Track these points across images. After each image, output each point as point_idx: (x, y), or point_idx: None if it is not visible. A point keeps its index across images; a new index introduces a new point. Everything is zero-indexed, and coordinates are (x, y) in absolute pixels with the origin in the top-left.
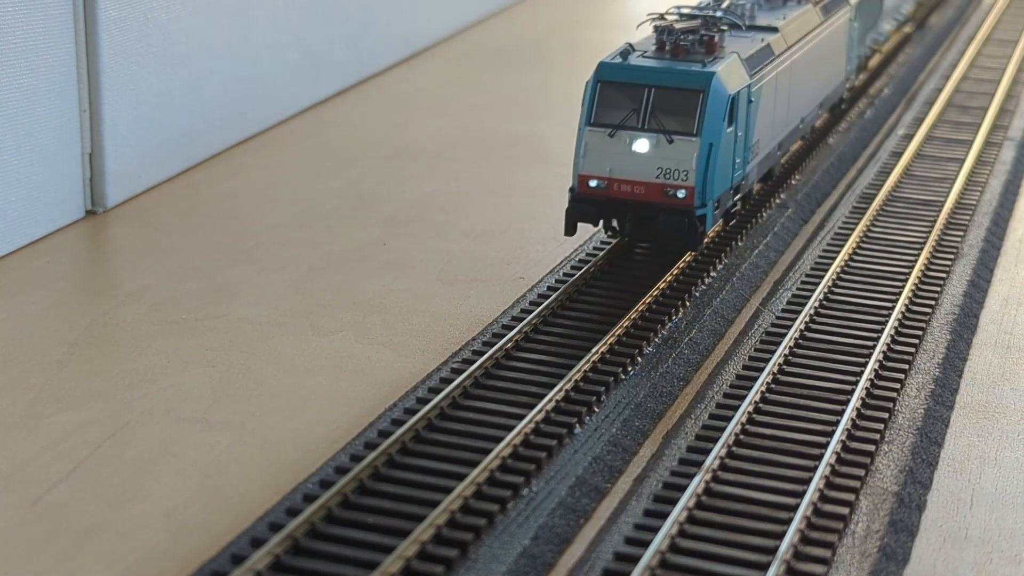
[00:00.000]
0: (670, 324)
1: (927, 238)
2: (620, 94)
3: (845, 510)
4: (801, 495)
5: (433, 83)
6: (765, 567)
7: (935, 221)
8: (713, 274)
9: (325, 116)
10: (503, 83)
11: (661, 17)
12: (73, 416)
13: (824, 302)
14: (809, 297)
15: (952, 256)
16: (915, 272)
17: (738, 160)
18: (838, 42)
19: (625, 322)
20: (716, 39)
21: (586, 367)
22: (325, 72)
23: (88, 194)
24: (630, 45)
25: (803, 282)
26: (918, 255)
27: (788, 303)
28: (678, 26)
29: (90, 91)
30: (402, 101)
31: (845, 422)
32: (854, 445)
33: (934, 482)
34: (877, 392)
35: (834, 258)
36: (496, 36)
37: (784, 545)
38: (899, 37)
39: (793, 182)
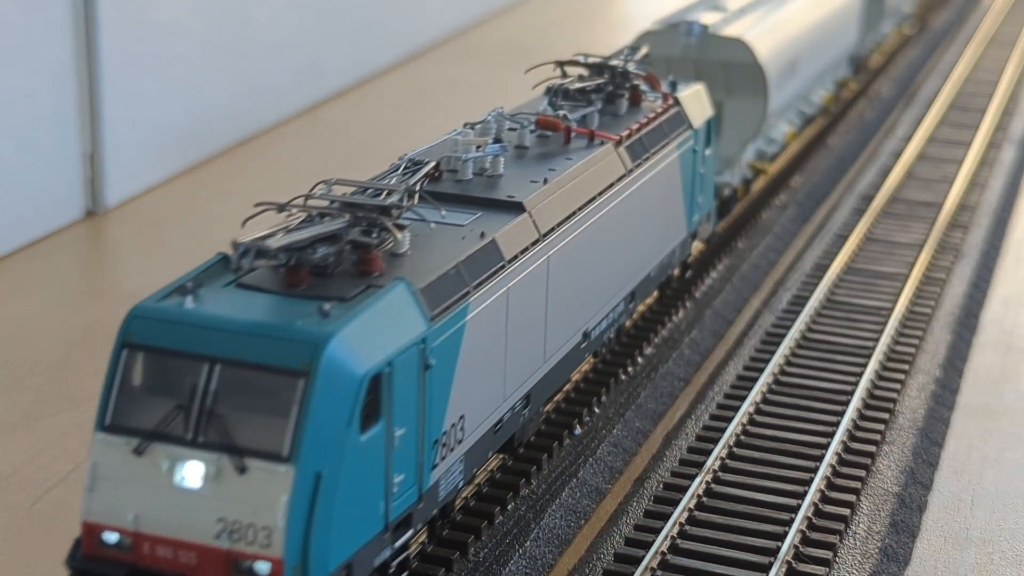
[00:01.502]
0: (670, 324)
1: (928, 238)
2: (159, 373)
3: (846, 511)
4: (802, 496)
5: (433, 83)
6: (766, 568)
7: (936, 221)
8: (713, 274)
9: (325, 116)
10: (503, 83)
11: (561, 69)
12: (73, 416)
13: (825, 303)
14: (809, 297)
15: (953, 256)
16: (916, 272)
17: (399, 479)
18: (666, 192)
19: (626, 321)
20: (374, 252)
21: (585, 366)
22: (325, 72)
23: (88, 194)
24: (238, 253)
25: (803, 282)
26: (919, 255)
27: (788, 303)
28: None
29: (90, 91)
30: (402, 101)
31: (846, 423)
32: (855, 446)
33: (935, 483)
34: (878, 393)
35: (834, 258)
36: (497, 36)
37: (785, 546)
38: (899, 39)
39: (793, 183)
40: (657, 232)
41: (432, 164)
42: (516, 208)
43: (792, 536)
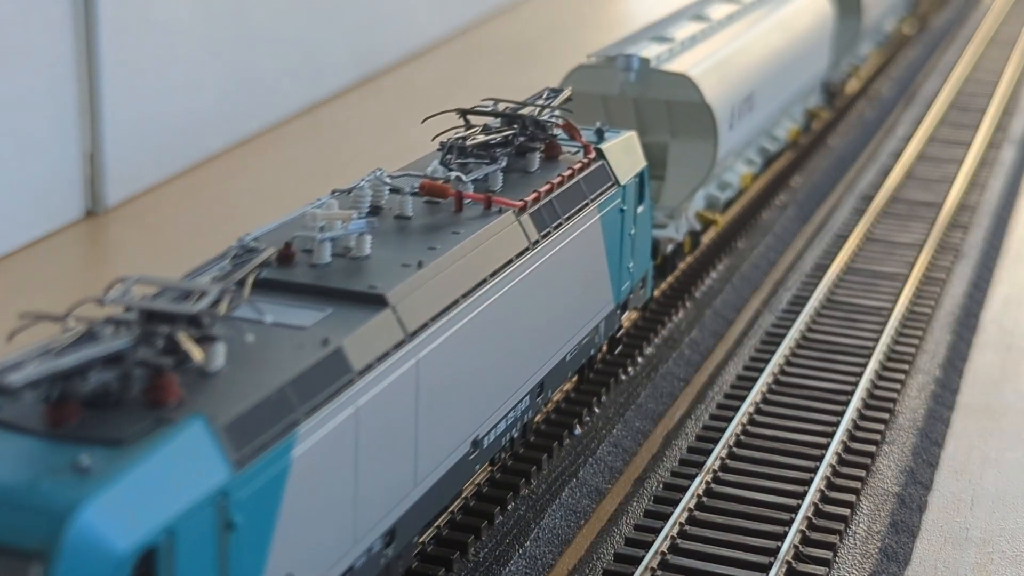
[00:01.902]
0: (670, 324)
1: (928, 238)
2: None
3: (846, 511)
4: (802, 496)
5: (433, 83)
6: (766, 568)
7: (936, 221)
8: (713, 274)
9: (325, 116)
10: (504, 83)
11: (464, 119)
12: None
13: (825, 303)
14: (809, 297)
15: (953, 256)
16: (916, 272)
17: None
18: (585, 262)
19: (626, 323)
20: (167, 376)
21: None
22: (325, 72)
23: (88, 194)
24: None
25: (804, 282)
26: (919, 255)
27: (788, 303)
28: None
29: (90, 91)
30: (402, 101)
31: (846, 423)
32: (855, 446)
33: (935, 483)
34: (878, 393)
35: (834, 258)
36: (497, 36)
37: (785, 546)
38: (899, 40)
39: (793, 183)
40: (574, 310)
41: (269, 251)
42: (376, 302)
43: (792, 536)
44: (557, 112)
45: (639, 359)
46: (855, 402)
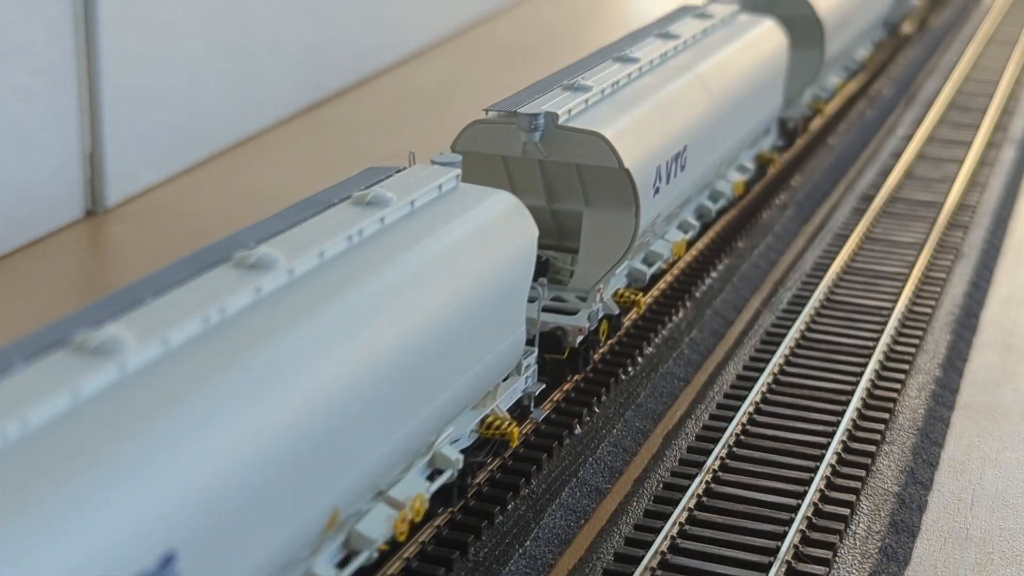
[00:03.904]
0: (670, 324)
1: (928, 238)
2: None
3: (846, 511)
4: (802, 496)
5: (433, 83)
6: (766, 568)
7: (936, 221)
8: (713, 274)
9: (325, 116)
10: (504, 83)
11: None
12: None
13: (825, 302)
14: (809, 297)
15: (953, 256)
16: (916, 272)
17: None
18: None
19: (626, 322)
20: None
21: (587, 368)
22: (325, 72)
23: (88, 194)
24: None
25: (804, 282)
26: (919, 255)
27: (788, 303)
28: None
29: (90, 91)
30: (402, 101)
31: (846, 423)
32: (855, 446)
33: (935, 483)
34: (878, 393)
35: (834, 258)
36: (497, 36)
37: (785, 546)
38: (896, 43)
39: (793, 183)
40: None
41: None
42: None
43: (792, 536)
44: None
45: (639, 359)
46: (855, 402)
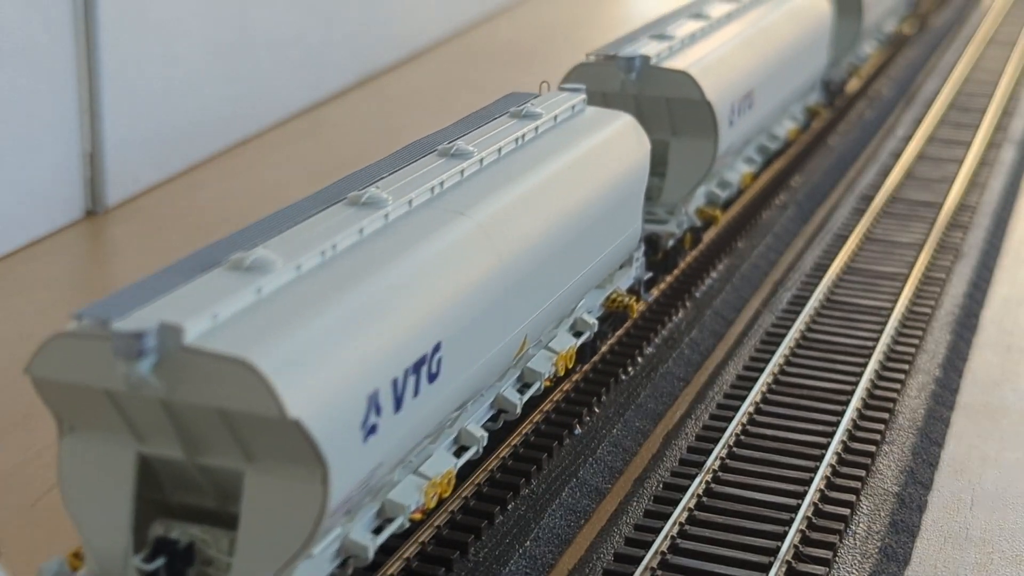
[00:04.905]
0: (670, 324)
1: (928, 238)
2: None
3: (846, 511)
4: (802, 496)
5: (433, 83)
6: (766, 568)
7: (936, 221)
8: (713, 274)
9: (325, 116)
10: (504, 84)
11: None
12: None
13: (825, 302)
14: (809, 297)
15: (953, 256)
16: (916, 272)
17: None
18: None
19: (625, 322)
20: None
21: (586, 367)
22: (325, 72)
23: (88, 194)
24: None
25: (803, 282)
26: (919, 255)
27: (788, 303)
28: None
29: (90, 91)
30: (402, 101)
31: (846, 423)
32: (855, 446)
33: (935, 483)
34: (878, 393)
35: (834, 258)
36: (497, 36)
37: (785, 546)
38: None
39: (793, 183)
40: None
41: None
42: None
43: (792, 536)
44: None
45: (639, 359)
46: (855, 402)
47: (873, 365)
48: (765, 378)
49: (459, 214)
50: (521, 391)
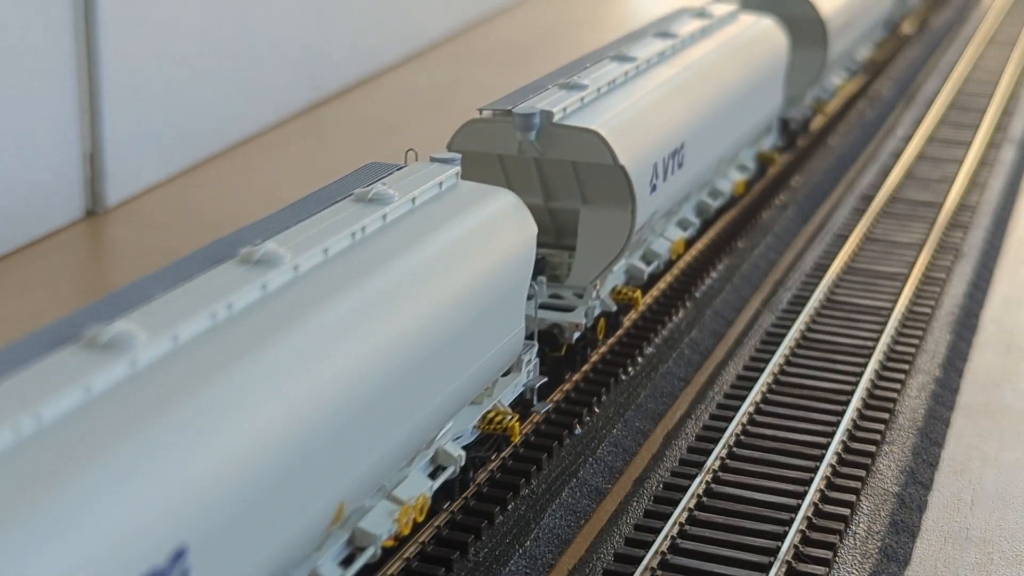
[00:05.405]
0: (670, 324)
1: (928, 238)
2: None
3: (846, 511)
4: (802, 496)
5: (433, 83)
6: (766, 568)
7: (936, 221)
8: (713, 274)
9: (325, 116)
10: (504, 84)
11: None
12: None
13: (825, 303)
14: (809, 297)
15: (953, 256)
16: (916, 272)
17: None
18: None
19: (625, 322)
20: None
21: (586, 367)
22: (325, 72)
23: (88, 194)
24: None
25: (803, 282)
26: (919, 255)
27: (788, 303)
28: None
29: (90, 91)
30: (402, 101)
31: (846, 423)
32: (855, 446)
33: (935, 483)
34: (878, 393)
35: (834, 258)
36: (497, 36)
37: (785, 546)
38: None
39: (793, 183)
40: None
41: None
42: None
43: (792, 536)
44: None
45: (639, 359)
46: (855, 402)
47: (873, 365)
48: (765, 378)
49: (245, 354)
50: (346, 563)
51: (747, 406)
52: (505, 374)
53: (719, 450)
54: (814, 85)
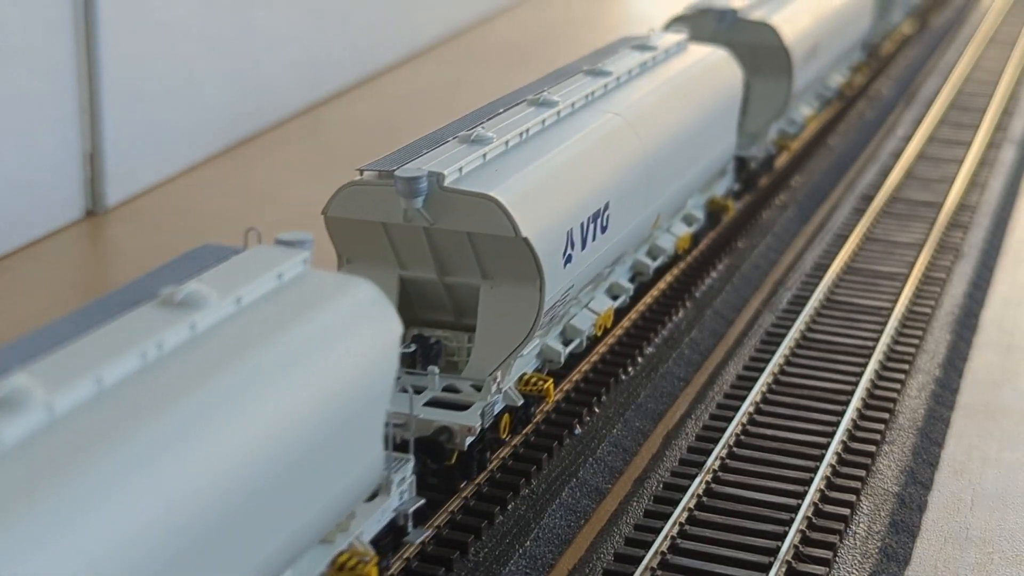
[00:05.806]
0: (670, 324)
1: (928, 238)
2: None
3: (846, 511)
4: (802, 496)
5: (433, 83)
6: (766, 568)
7: (936, 221)
8: (713, 274)
9: (325, 116)
10: (504, 84)
11: None
12: None
13: (825, 303)
14: (809, 297)
15: (953, 256)
16: (916, 272)
17: None
18: None
19: (625, 322)
20: None
21: (586, 367)
22: (325, 72)
23: (88, 194)
24: None
25: (803, 282)
26: (919, 255)
27: (788, 303)
28: None
29: (90, 91)
30: (402, 101)
31: (846, 423)
32: (855, 446)
33: (935, 483)
34: (878, 392)
35: (834, 258)
36: (497, 36)
37: (785, 546)
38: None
39: (793, 183)
40: None
41: None
42: None
43: (792, 536)
44: None
45: (639, 359)
46: (855, 402)
47: (873, 365)
48: (765, 378)
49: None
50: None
51: (747, 406)
52: (371, 498)
53: (719, 450)
54: (779, 118)
